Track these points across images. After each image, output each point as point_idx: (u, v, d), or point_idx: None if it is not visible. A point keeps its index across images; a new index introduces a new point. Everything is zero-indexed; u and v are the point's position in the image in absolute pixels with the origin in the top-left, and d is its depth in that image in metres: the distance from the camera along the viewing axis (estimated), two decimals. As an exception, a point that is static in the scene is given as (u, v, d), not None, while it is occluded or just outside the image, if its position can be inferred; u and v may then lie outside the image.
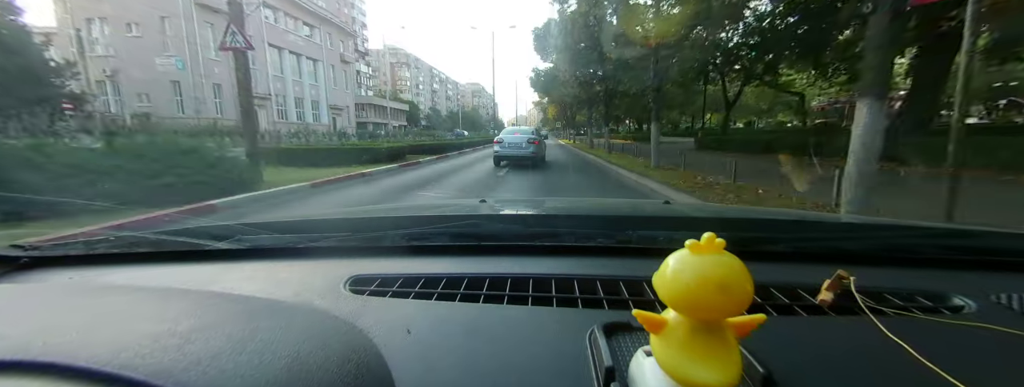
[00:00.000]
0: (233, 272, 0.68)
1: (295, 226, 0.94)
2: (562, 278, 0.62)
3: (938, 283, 0.61)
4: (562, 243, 0.75)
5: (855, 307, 0.52)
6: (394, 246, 0.78)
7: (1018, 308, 0.53)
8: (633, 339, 0.43)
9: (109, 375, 0.28)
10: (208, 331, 0.35)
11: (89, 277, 0.69)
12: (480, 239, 0.77)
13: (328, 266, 0.69)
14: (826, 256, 0.69)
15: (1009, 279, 0.63)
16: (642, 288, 0.59)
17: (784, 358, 0.41)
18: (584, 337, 0.45)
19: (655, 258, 0.34)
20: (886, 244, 0.76)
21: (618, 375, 0.36)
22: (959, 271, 0.66)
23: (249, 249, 0.76)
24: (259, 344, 0.34)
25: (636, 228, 0.83)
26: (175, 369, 0.29)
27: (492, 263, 0.69)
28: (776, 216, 1.13)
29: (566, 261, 0.69)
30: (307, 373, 0.32)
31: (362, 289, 0.59)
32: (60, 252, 0.76)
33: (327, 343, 0.39)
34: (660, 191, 6.37)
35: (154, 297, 0.48)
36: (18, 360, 0.29)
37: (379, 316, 0.51)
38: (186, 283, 0.64)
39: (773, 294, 0.57)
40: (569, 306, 0.55)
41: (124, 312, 0.42)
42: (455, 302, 0.55)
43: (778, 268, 0.66)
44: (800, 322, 0.51)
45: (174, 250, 0.75)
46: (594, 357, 0.41)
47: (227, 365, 0.31)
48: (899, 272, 0.65)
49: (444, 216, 0.95)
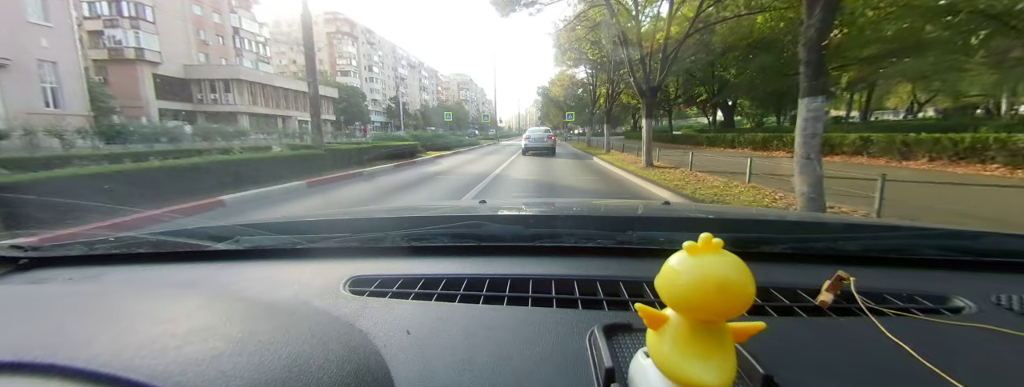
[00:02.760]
0: (232, 273, 0.68)
1: (294, 227, 0.94)
2: (562, 279, 0.62)
3: (938, 284, 0.61)
4: (562, 244, 0.75)
5: (855, 308, 0.52)
6: (393, 247, 0.78)
7: (1018, 309, 0.53)
8: (633, 340, 0.43)
9: (108, 376, 0.28)
10: (207, 332, 0.35)
11: (88, 278, 0.69)
12: (480, 240, 0.77)
13: (327, 267, 0.69)
14: (826, 257, 0.69)
15: (1009, 280, 0.63)
16: (642, 289, 0.59)
17: (784, 359, 0.41)
18: (584, 338, 0.45)
19: (655, 259, 0.34)
20: (886, 245, 0.76)
21: (618, 376, 0.36)
22: (959, 272, 0.66)
23: (249, 250, 0.76)
24: (258, 345, 0.34)
25: (636, 229, 0.83)
26: (174, 370, 0.29)
27: (492, 264, 0.69)
28: (776, 217, 1.13)
29: (566, 262, 0.69)
30: (307, 374, 0.32)
31: (362, 290, 0.59)
32: (60, 253, 0.76)
33: (327, 344, 0.39)
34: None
35: (153, 298, 0.48)
36: (18, 360, 0.29)
37: (379, 317, 0.51)
38: (185, 284, 0.64)
39: (773, 295, 0.57)
40: (569, 307, 0.55)
41: (123, 313, 0.42)
42: (455, 303, 0.55)
43: (778, 269, 0.66)
44: (800, 323, 0.51)
45: (174, 251, 0.75)
46: (594, 358, 0.41)
47: (226, 366, 0.31)
48: (899, 273, 0.65)
49: (444, 217, 0.95)
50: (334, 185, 7.71)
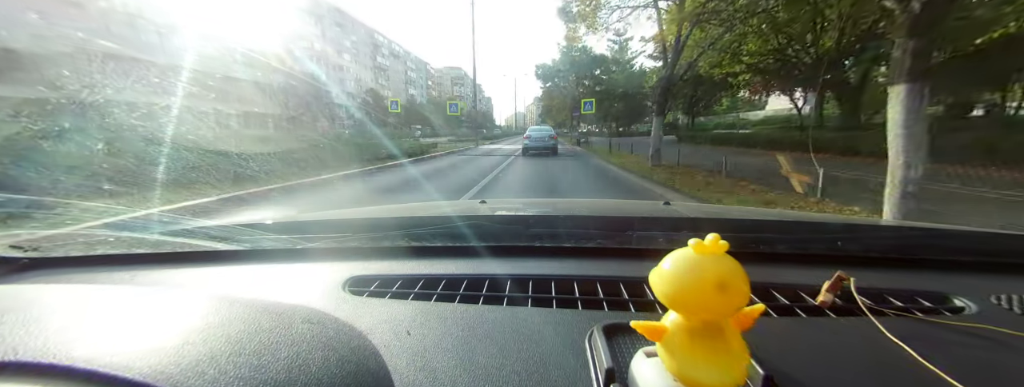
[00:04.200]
0: (232, 273, 0.68)
1: (294, 227, 0.93)
2: (562, 279, 0.62)
3: (938, 284, 0.61)
4: (562, 244, 0.75)
5: (855, 308, 0.52)
6: (393, 247, 0.78)
7: (1018, 309, 0.53)
8: (633, 340, 0.43)
9: (108, 376, 0.28)
10: (207, 332, 0.35)
11: (89, 278, 0.69)
12: (480, 240, 0.77)
13: (327, 267, 0.69)
14: (826, 257, 0.69)
15: (1009, 280, 0.63)
16: (642, 289, 0.59)
17: (784, 359, 0.41)
18: (584, 338, 0.45)
19: (655, 259, 0.34)
20: (886, 245, 0.76)
21: (618, 376, 0.36)
22: (959, 272, 0.66)
23: (248, 250, 0.76)
24: (258, 345, 0.34)
25: (636, 229, 0.83)
26: (173, 371, 0.29)
27: (492, 264, 0.69)
28: (776, 217, 1.13)
29: (566, 262, 0.69)
30: (306, 374, 0.32)
31: (361, 290, 0.59)
32: (60, 253, 0.76)
33: (326, 344, 0.39)
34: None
35: (153, 298, 0.48)
36: (18, 361, 0.29)
37: (378, 317, 0.51)
38: (185, 284, 0.64)
39: (773, 295, 0.57)
40: (569, 307, 0.55)
41: (123, 313, 0.42)
42: (455, 303, 0.55)
43: (778, 269, 0.66)
44: (800, 323, 0.51)
45: (173, 251, 0.75)
46: (594, 358, 0.41)
47: (226, 366, 0.31)
48: (899, 273, 0.65)
49: (444, 217, 0.95)
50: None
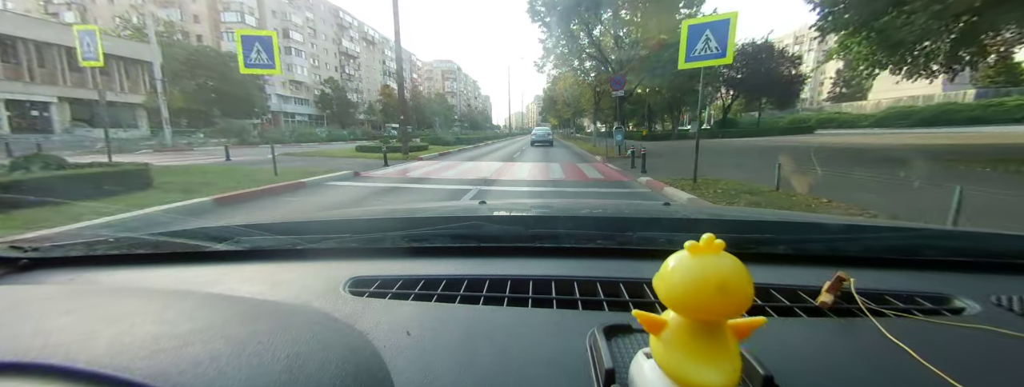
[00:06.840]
0: (232, 274, 0.68)
1: (294, 227, 0.93)
2: (562, 280, 0.62)
3: (938, 285, 0.61)
4: (562, 245, 0.75)
5: (855, 309, 0.52)
6: (394, 248, 0.78)
7: (1019, 310, 0.53)
8: (633, 341, 0.43)
9: (108, 377, 0.28)
10: (207, 333, 0.35)
11: (88, 278, 0.69)
12: (480, 241, 0.77)
13: (327, 268, 0.69)
14: (826, 258, 0.69)
15: (1010, 281, 0.63)
16: (642, 290, 0.59)
17: (785, 360, 0.41)
18: (584, 339, 0.45)
19: (655, 260, 0.34)
20: (886, 246, 0.76)
21: (618, 377, 0.36)
22: (959, 273, 0.66)
23: (249, 251, 0.76)
24: (258, 346, 0.34)
25: (636, 230, 0.83)
26: (174, 371, 0.29)
27: (492, 265, 0.69)
28: (776, 218, 1.13)
29: (566, 263, 0.69)
30: (306, 375, 0.32)
31: (362, 290, 0.59)
32: (60, 253, 0.76)
33: (326, 345, 0.39)
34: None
35: (153, 299, 0.48)
36: (17, 361, 0.29)
37: (379, 318, 0.51)
38: (185, 285, 0.64)
39: (773, 296, 0.57)
40: (569, 308, 0.55)
41: (123, 314, 0.42)
42: (455, 304, 0.55)
43: (778, 270, 0.66)
44: (800, 324, 0.51)
45: (173, 252, 0.75)
46: (594, 359, 0.41)
47: (226, 367, 0.31)
48: (899, 274, 0.65)
49: (444, 218, 0.95)
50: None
